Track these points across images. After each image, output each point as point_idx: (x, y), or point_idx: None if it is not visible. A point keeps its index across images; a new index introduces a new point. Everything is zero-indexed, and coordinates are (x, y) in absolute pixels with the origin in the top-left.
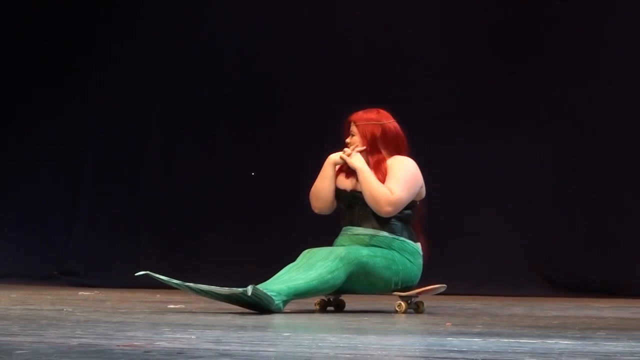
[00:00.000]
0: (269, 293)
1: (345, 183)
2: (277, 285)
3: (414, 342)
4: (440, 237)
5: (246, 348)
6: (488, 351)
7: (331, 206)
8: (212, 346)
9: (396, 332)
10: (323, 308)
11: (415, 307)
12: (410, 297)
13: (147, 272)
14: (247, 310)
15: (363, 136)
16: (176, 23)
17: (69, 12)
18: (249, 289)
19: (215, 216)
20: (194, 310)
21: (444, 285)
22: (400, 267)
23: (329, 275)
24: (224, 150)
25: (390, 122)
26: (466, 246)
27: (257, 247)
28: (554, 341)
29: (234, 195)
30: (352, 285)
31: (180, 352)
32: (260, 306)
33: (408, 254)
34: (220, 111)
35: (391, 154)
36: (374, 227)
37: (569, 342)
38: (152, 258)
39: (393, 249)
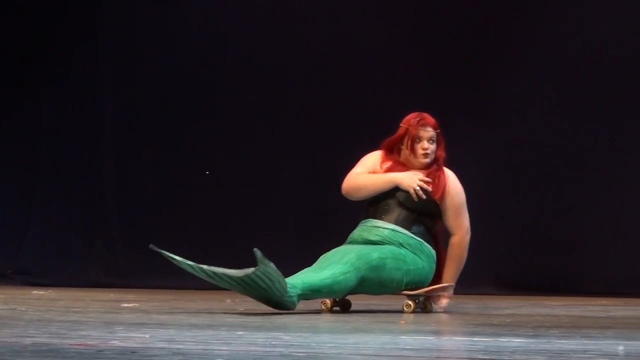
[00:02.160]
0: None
1: (412, 177)
2: (293, 279)
3: (368, 341)
4: None
5: (199, 347)
6: (441, 349)
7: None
8: (165, 345)
9: (350, 331)
10: (330, 308)
11: (423, 307)
12: (417, 296)
13: (161, 250)
14: (210, 311)
15: (441, 147)
16: (132, 22)
17: (24, 12)
18: (257, 254)
19: (169, 216)
20: (147, 309)
21: (452, 284)
22: (411, 267)
23: (342, 277)
24: (178, 150)
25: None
26: None
27: (215, 249)
28: (507, 339)
29: (187, 195)
30: (363, 287)
31: (133, 351)
32: (273, 295)
33: (422, 254)
34: (170, 109)
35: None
36: (395, 223)
37: (522, 340)
38: (105, 257)
39: (407, 248)
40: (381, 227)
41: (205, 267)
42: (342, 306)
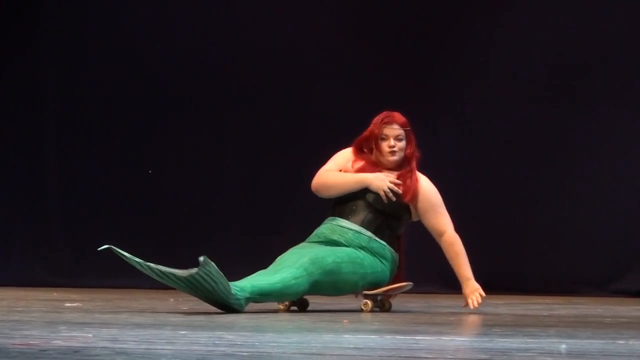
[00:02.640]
0: (231, 285)
1: (382, 177)
2: (242, 282)
3: (311, 340)
4: None
5: (142, 346)
6: (384, 348)
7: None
8: (108, 344)
9: (293, 330)
10: (287, 308)
11: (381, 306)
12: (376, 295)
13: (111, 246)
14: (154, 310)
15: (411, 145)
16: (76, 22)
17: None
18: (200, 259)
19: (114, 216)
20: (91, 309)
21: (410, 283)
22: (369, 271)
23: (293, 281)
24: (122, 150)
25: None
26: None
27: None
28: (449, 338)
29: (131, 195)
30: (318, 290)
31: (76, 351)
32: (218, 296)
33: (383, 258)
34: (115, 110)
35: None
36: (361, 225)
37: (465, 339)
38: (49, 257)
39: (368, 251)
40: (346, 227)
41: (152, 265)
42: (300, 305)
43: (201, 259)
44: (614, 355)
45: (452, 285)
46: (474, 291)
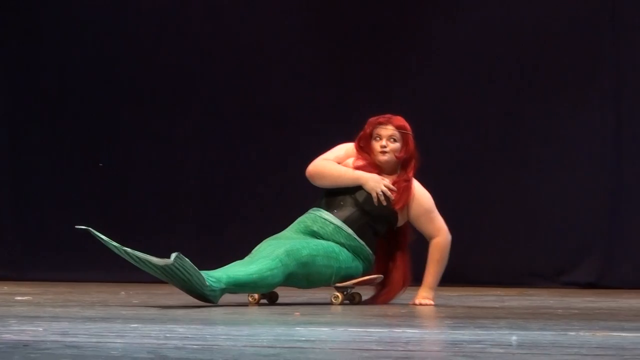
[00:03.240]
0: (205, 277)
1: (376, 179)
2: (217, 273)
3: (262, 332)
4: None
5: (93, 340)
6: (336, 340)
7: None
8: (59, 338)
9: (245, 323)
10: (257, 301)
11: (351, 298)
12: (346, 288)
13: (89, 228)
14: (105, 304)
15: (405, 148)
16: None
17: None
18: (173, 256)
19: (64, 209)
20: (41, 302)
21: (381, 275)
22: (343, 266)
23: (269, 272)
24: (72, 141)
25: (413, 136)
26: None
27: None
28: (401, 330)
29: (82, 187)
30: (291, 282)
31: (26, 345)
32: (193, 287)
33: (360, 256)
34: (65, 101)
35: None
36: (344, 221)
37: (416, 331)
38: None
39: (344, 247)
40: (328, 220)
41: (129, 250)
42: (270, 299)
43: (174, 255)
44: (564, 347)
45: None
46: (425, 299)
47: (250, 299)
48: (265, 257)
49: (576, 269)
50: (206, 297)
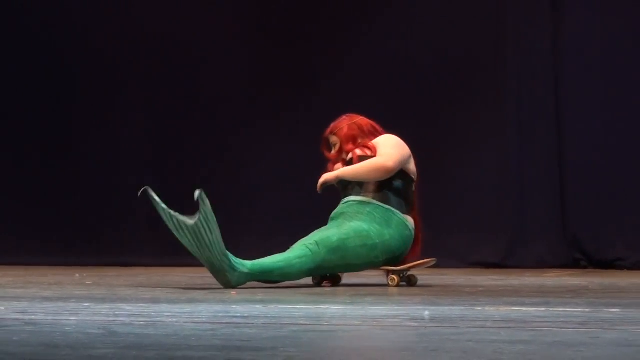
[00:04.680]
0: (230, 257)
1: (337, 167)
2: (245, 260)
3: (202, 310)
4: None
5: (50, 317)
6: (267, 316)
7: None
8: (19, 316)
9: (186, 301)
10: (319, 283)
11: (408, 280)
12: (401, 271)
13: (147, 187)
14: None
15: (346, 141)
16: None
17: None
18: (200, 196)
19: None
20: (2, 284)
21: (434, 259)
22: (377, 241)
23: (296, 260)
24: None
25: (361, 119)
26: (250, 227)
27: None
28: (326, 306)
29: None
30: (332, 269)
31: None
32: (214, 257)
33: (391, 223)
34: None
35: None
36: (364, 195)
37: (340, 307)
38: None
39: (373, 219)
40: (351, 200)
41: (173, 212)
42: (332, 280)
43: (197, 193)
44: (472, 320)
45: None
46: (326, 175)
47: (313, 281)
48: (294, 248)
49: (482, 250)
50: (225, 274)
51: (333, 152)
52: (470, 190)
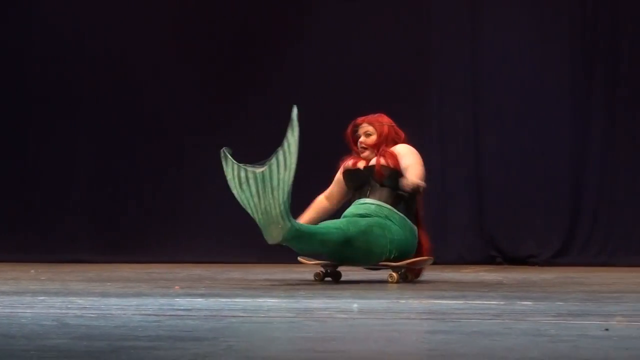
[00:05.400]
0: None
1: (359, 164)
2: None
3: (148, 303)
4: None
5: (6, 310)
6: (209, 309)
7: None
8: None
9: (134, 295)
10: (322, 279)
11: (405, 277)
12: (400, 268)
13: (224, 149)
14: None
15: (380, 135)
16: None
17: None
18: (293, 119)
19: None
20: None
21: (431, 257)
22: (395, 237)
23: (334, 230)
24: None
25: (393, 125)
26: (195, 224)
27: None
28: (263, 300)
29: None
30: (352, 251)
31: None
32: (274, 205)
33: (405, 227)
34: None
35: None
36: (380, 200)
37: (276, 300)
38: None
39: (391, 221)
40: (368, 203)
41: (242, 165)
42: (334, 277)
43: (294, 111)
44: (397, 312)
45: (269, 256)
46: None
47: (315, 278)
48: (330, 222)
49: None
50: (278, 223)
51: (363, 139)
52: None
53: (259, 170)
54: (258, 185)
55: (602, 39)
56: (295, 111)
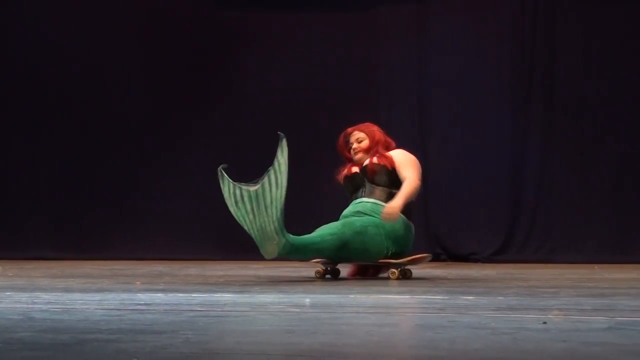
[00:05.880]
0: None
1: (354, 169)
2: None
3: (110, 298)
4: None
5: None
6: (168, 303)
7: None
8: None
9: (96, 290)
10: (322, 276)
11: (404, 274)
12: (400, 265)
13: (222, 169)
14: None
15: (372, 139)
16: None
17: None
18: (281, 140)
19: None
20: None
21: (430, 255)
22: (391, 234)
23: (329, 237)
24: None
25: (382, 131)
26: (155, 222)
27: None
28: (219, 295)
29: None
30: (349, 252)
31: None
32: (269, 222)
33: (400, 223)
34: None
35: (387, 150)
36: (376, 199)
37: (231, 295)
38: None
39: None
40: (364, 201)
41: (237, 183)
42: (333, 274)
43: (281, 137)
44: (346, 306)
45: (224, 252)
46: (389, 208)
47: (316, 275)
48: (325, 228)
49: None
50: (274, 240)
51: (356, 145)
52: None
53: (252, 188)
54: (252, 203)
55: (539, 51)
56: (282, 136)
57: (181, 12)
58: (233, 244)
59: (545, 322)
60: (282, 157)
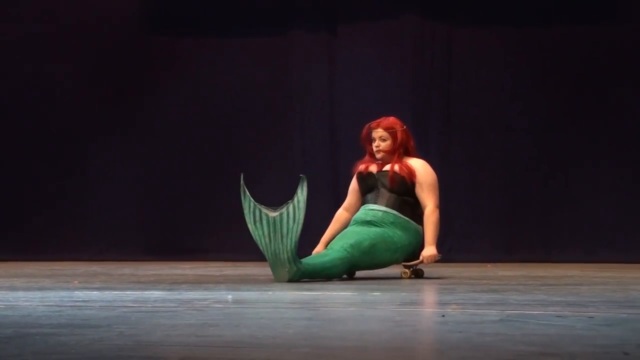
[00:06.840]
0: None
1: (371, 168)
2: (304, 260)
3: (51, 295)
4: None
5: None
6: (103, 300)
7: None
8: None
9: (38, 289)
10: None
11: (416, 273)
12: (412, 266)
13: (242, 179)
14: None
15: (394, 141)
16: None
17: None
18: (302, 181)
19: None
20: None
21: (441, 254)
22: (399, 245)
23: (339, 261)
24: None
25: (405, 129)
26: (92, 225)
27: None
28: (150, 292)
29: None
30: (363, 267)
31: None
32: (283, 250)
33: (409, 231)
34: None
35: (407, 152)
36: (386, 206)
37: (161, 293)
38: None
39: (397, 227)
40: (376, 209)
41: (257, 204)
42: (349, 274)
43: (302, 178)
44: (266, 302)
45: (157, 252)
46: (428, 252)
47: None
48: (336, 250)
49: None
50: (286, 267)
51: (378, 142)
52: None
53: (272, 214)
54: (270, 228)
55: (437, 76)
56: (304, 177)
57: (113, 32)
58: (164, 245)
59: (444, 315)
60: (301, 195)
